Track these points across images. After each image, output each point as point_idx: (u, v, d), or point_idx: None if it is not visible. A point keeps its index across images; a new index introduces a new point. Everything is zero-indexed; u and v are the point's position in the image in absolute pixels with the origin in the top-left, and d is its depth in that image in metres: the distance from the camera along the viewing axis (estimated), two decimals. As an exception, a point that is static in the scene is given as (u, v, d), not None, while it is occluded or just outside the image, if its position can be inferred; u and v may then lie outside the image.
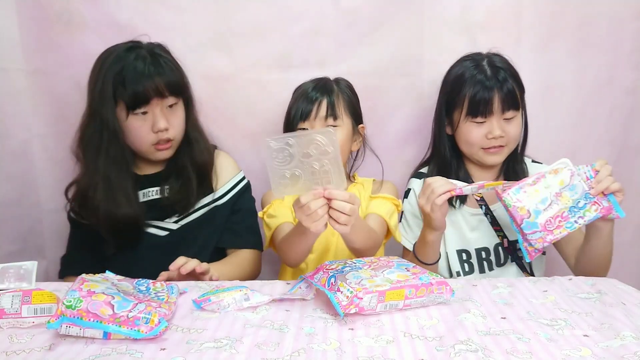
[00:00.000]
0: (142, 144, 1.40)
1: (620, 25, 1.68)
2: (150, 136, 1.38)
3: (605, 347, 0.91)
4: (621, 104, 1.74)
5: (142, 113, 1.36)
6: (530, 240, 1.25)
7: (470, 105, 1.44)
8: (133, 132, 1.38)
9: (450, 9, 1.63)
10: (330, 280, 1.09)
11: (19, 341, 0.93)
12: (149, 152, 1.42)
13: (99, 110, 1.36)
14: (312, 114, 1.43)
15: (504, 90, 1.42)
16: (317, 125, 1.42)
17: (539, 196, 1.25)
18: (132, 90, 1.34)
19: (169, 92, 1.37)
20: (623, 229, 1.83)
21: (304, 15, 1.60)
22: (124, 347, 0.91)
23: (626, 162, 1.78)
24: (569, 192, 1.26)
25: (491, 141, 1.45)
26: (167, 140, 1.40)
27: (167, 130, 1.38)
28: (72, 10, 1.53)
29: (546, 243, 1.24)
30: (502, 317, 1.03)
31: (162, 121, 1.37)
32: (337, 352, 0.90)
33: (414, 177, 1.60)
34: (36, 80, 1.59)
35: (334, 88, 1.46)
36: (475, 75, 1.45)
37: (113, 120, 1.35)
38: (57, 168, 1.62)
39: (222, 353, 0.89)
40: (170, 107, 1.40)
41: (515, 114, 1.45)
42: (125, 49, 1.37)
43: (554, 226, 1.24)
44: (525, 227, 1.24)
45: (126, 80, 1.33)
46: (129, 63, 1.34)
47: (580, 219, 1.25)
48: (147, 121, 1.37)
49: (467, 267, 1.52)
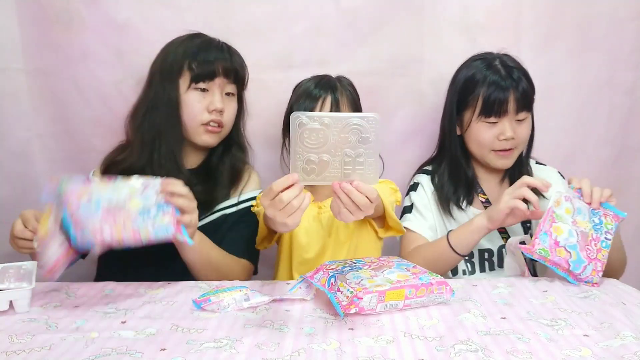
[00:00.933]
0: (194, 121, 1.40)
1: (620, 25, 1.68)
2: (204, 115, 1.39)
3: (605, 346, 0.91)
4: (621, 104, 1.74)
5: (202, 90, 1.38)
6: (585, 279, 1.20)
7: (484, 105, 1.43)
8: (190, 106, 1.38)
9: (450, 9, 1.63)
10: (330, 280, 1.09)
11: (19, 341, 0.94)
12: (197, 132, 1.41)
13: (161, 81, 1.38)
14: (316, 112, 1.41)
15: (520, 90, 1.41)
16: None
17: (564, 232, 1.23)
18: (202, 59, 1.37)
19: (233, 77, 1.41)
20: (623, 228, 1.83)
21: (304, 15, 1.60)
22: (124, 347, 0.91)
23: (626, 162, 1.78)
24: (580, 217, 1.24)
25: (502, 143, 1.44)
26: (219, 125, 1.41)
27: (222, 112, 1.40)
28: (72, 10, 1.53)
29: (601, 272, 1.21)
30: (502, 317, 1.03)
31: (219, 102, 1.39)
32: (337, 352, 0.90)
33: (420, 173, 1.59)
34: (36, 80, 1.59)
35: (338, 85, 1.44)
36: (489, 75, 1.43)
37: (173, 91, 1.37)
38: (57, 168, 1.62)
39: (222, 353, 0.89)
40: (227, 95, 1.43)
41: (527, 115, 1.45)
42: (191, 35, 1.43)
43: (595, 253, 1.22)
44: (574, 268, 1.20)
45: (200, 50, 1.38)
46: (204, 40, 1.41)
47: (607, 233, 1.24)
48: (205, 99, 1.39)
49: (469, 267, 1.52)
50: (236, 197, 1.45)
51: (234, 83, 1.43)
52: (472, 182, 1.52)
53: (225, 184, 1.44)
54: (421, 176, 1.57)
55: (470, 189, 1.52)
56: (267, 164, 1.64)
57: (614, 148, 1.77)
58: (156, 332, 0.97)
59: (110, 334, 0.96)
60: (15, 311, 1.05)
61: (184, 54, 1.38)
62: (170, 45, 1.43)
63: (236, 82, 1.44)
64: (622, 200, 1.80)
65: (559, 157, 1.71)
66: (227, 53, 1.42)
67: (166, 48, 1.43)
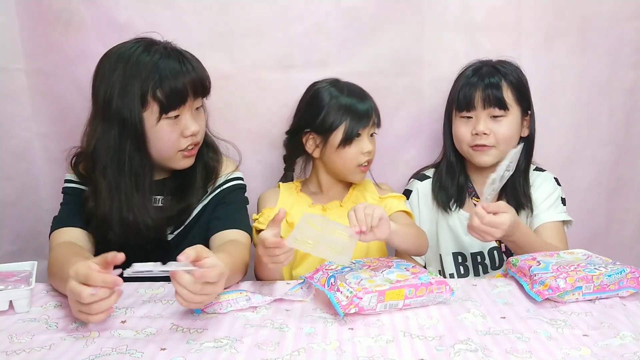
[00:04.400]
0: (169, 151, 1.28)
1: (620, 25, 1.68)
2: (180, 142, 1.28)
3: (605, 345, 0.91)
4: (621, 104, 1.74)
5: (175, 117, 1.25)
6: (537, 281, 1.11)
7: (457, 99, 1.48)
8: (164, 137, 1.26)
9: (450, 9, 1.63)
10: (330, 280, 1.09)
11: (19, 341, 0.94)
12: (173, 159, 1.31)
13: (119, 115, 1.21)
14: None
15: (487, 87, 1.44)
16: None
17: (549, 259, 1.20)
18: (170, 87, 1.22)
19: (201, 91, 1.30)
20: (623, 228, 1.84)
21: (305, 15, 1.60)
22: (124, 347, 0.91)
23: (626, 162, 1.78)
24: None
25: (476, 138, 1.45)
26: (196, 145, 1.32)
27: (197, 134, 1.30)
28: (71, 10, 1.52)
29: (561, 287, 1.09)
30: (501, 316, 1.03)
31: (194, 124, 1.28)
32: (337, 352, 0.90)
33: (416, 178, 1.60)
34: (36, 80, 1.59)
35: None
36: (470, 71, 1.49)
37: (139, 125, 1.22)
38: (57, 168, 1.62)
39: (222, 353, 0.89)
40: (197, 110, 1.31)
41: (501, 113, 1.44)
42: (142, 48, 1.25)
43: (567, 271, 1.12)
44: (534, 270, 1.14)
45: (164, 77, 1.22)
46: (160, 62, 1.23)
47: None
48: (178, 125, 1.26)
49: (462, 270, 1.53)
50: (211, 187, 1.38)
51: (202, 95, 1.31)
52: (464, 185, 1.54)
53: (200, 185, 1.37)
54: (416, 182, 1.59)
55: (460, 192, 1.53)
56: (268, 164, 1.64)
57: (614, 148, 1.76)
58: (156, 331, 0.97)
59: (110, 333, 0.96)
60: (15, 311, 1.05)
61: (144, 83, 1.21)
62: (109, 70, 1.23)
63: (203, 94, 1.32)
64: (622, 200, 1.82)
65: (560, 158, 1.71)
66: (189, 66, 1.27)
67: (104, 73, 1.24)
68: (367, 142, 1.41)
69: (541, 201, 1.47)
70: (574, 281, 1.08)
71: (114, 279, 0.93)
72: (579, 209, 1.66)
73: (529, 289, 1.12)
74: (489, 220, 1.23)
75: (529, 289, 1.12)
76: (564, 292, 1.08)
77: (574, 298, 1.09)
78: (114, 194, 1.25)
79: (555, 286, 1.07)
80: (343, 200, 1.48)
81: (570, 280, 1.08)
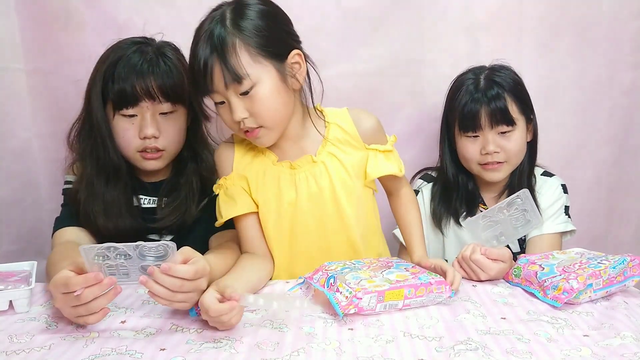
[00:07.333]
0: (127, 149, 1.29)
1: (620, 25, 1.68)
2: (136, 141, 1.28)
3: (605, 345, 0.91)
4: (621, 104, 1.74)
5: (130, 115, 1.27)
6: (549, 287, 1.09)
7: (460, 119, 1.43)
8: (119, 134, 1.28)
9: (450, 9, 1.63)
10: (329, 280, 1.09)
11: (19, 341, 0.94)
12: (135, 159, 1.31)
13: (89, 108, 1.28)
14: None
15: (492, 106, 1.39)
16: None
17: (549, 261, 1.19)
18: (118, 88, 1.24)
19: (162, 96, 1.26)
20: (623, 228, 1.84)
21: (305, 14, 1.59)
22: (124, 347, 0.91)
23: (626, 162, 1.78)
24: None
25: (486, 157, 1.42)
26: (157, 150, 1.29)
27: (156, 138, 1.28)
28: (71, 10, 1.53)
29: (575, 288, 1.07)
30: (501, 317, 1.03)
31: (149, 128, 1.26)
32: (337, 352, 0.90)
33: (422, 178, 1.58)
34: (36, 80, 1.59)
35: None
36: (469, 87, 1.43)
37: (101, 119, 1.27)
38: (57, 168, 1.62)
39: (222, 353, 0.89)
40: (164, 115, 1.29)
41: (509, 129, 1.41)
42: (130, 43, 1.29)
43: (574, 270, 1.11)
44: (542, 276, 1.13)
45: (115, 75, 1.24)
46: (124, 57, 1.25)
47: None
48: (134, 125, 1.27)
49: None
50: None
51: (168, 100, 1.27)
52: (472, 197, 1.50)
53: (197, 191, 1.35)
54: (422, 183, 1.56)
55: (471, 203, 1.50)
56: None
57: (614, 148, 1.76)
58: (156, 332, 0.97)
59: (109, 333, 0.96)
60: (15, 311, 1.05)
61: (104, 78, 1.25)
62: (97, 63, 1.30)
63: (170, 99, 1.27)
64: (622, 200, 1.82)
65: (560, 158, 1.71)
66: (151, 67, 1.25)
67: (95, 66, 1.30)
68: None
69: (542, 210, 1.41)
70: (584, 279, 1.07)
71: (94, 276, 0.91)
72: (579, 209, 1.66)
73: (542, 297, 1.10)
74: (484, 263, 1.20)
75: (542, 297, 1.10)
76: (578, 292, 1.07)
77: (587, 297, 1.09)
78: (90, 189, 1.29)
79: (569, 288, 1.06)
80: (317, 153, 1.24)
81: (582, 279, 1.07)
